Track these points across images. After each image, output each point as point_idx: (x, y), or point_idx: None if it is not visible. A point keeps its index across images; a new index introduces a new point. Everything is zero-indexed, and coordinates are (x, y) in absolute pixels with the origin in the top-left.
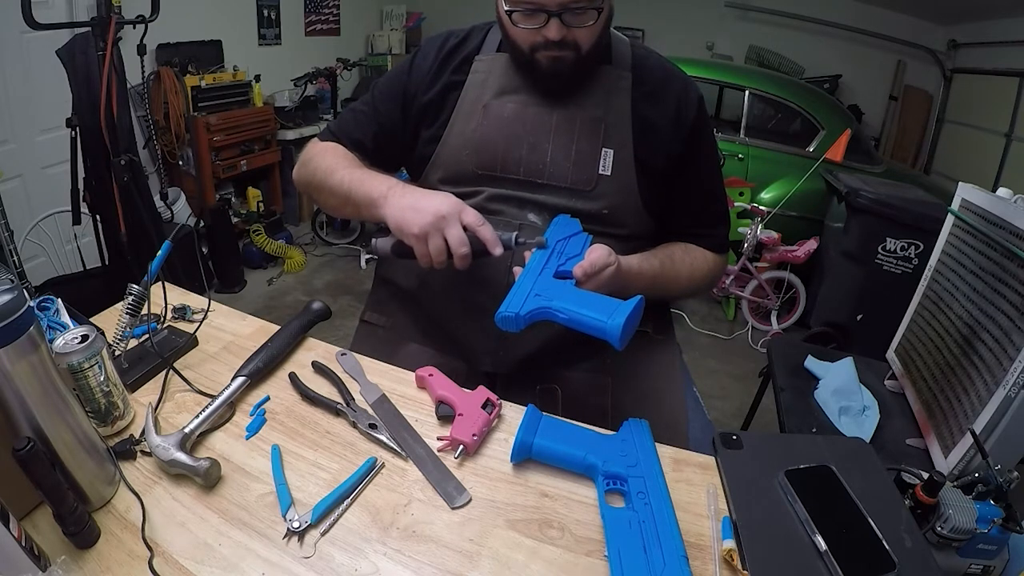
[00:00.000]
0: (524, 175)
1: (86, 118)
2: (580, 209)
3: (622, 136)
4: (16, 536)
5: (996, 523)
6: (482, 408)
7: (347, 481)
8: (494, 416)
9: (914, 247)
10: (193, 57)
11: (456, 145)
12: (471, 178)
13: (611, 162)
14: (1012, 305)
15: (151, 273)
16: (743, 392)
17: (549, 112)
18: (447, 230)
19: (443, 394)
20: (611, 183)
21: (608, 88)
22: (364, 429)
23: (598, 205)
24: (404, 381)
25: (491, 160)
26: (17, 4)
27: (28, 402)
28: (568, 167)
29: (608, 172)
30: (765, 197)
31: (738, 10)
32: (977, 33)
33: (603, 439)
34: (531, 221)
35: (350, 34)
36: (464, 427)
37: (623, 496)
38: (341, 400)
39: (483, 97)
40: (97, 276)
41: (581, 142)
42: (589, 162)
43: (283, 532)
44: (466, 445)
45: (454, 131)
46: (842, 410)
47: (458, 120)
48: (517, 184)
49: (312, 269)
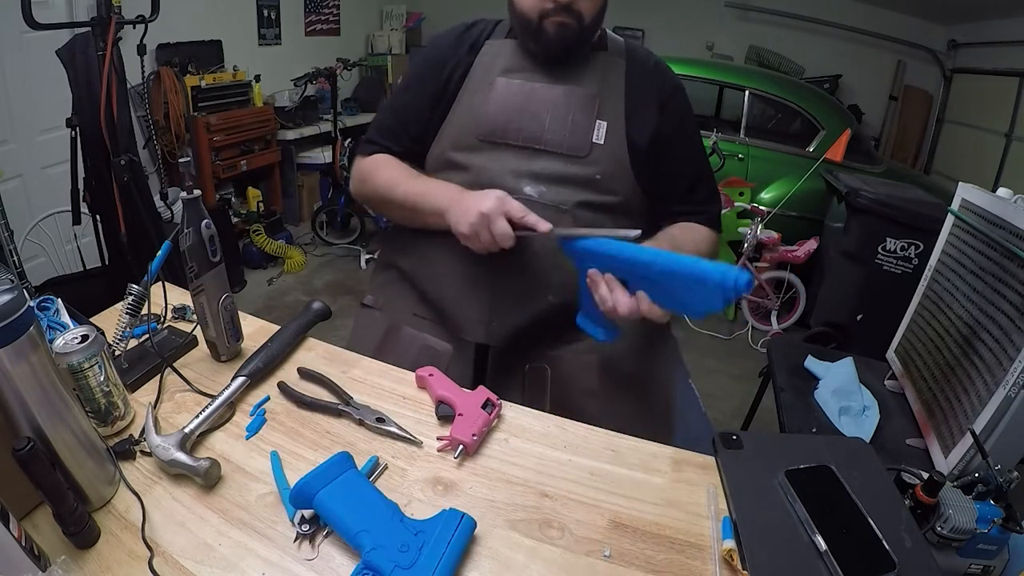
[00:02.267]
0: (523, 141)
1: (86, 118)
2: (575, 174)
3: (615, 112)
4: (16, 536)
5: (996, 523)
6: (482, 408)
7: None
8: (494, 416)
9: (914, 247)
10: (193, 57)
11: (462, 116)
12: (473, 146)
13: (604, 133)
14: (1012, 305)
15: (151, 273)
16: (743, 392)
17: (550, 88)
18: (492, 225)
19: (443, 394)
20: (604, 151)
21: (604, 70)
22: (373, 424)
23: (591, 170)
24: (404, 381)
25: (492, 128)
26: (17, 4)
27: (28, 402)
28: (564, 135)
29: (601, 141)
30: (765, 197)
31: (738, 10)
32: (977, 33)
33: (394, 522)
34: (527, 195)
35: (350, 34)
36: (464, 427)
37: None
38: (339, 400)
39: (490, 75)
40: (97, 276)
41: (577, 113)
42: (584, 131)
43: (283, 532)
44: (466, 445)
45: (461, 105)
46: (842, 410)
47: (465, 95)
48: (515, 151)
49: (312, 269)
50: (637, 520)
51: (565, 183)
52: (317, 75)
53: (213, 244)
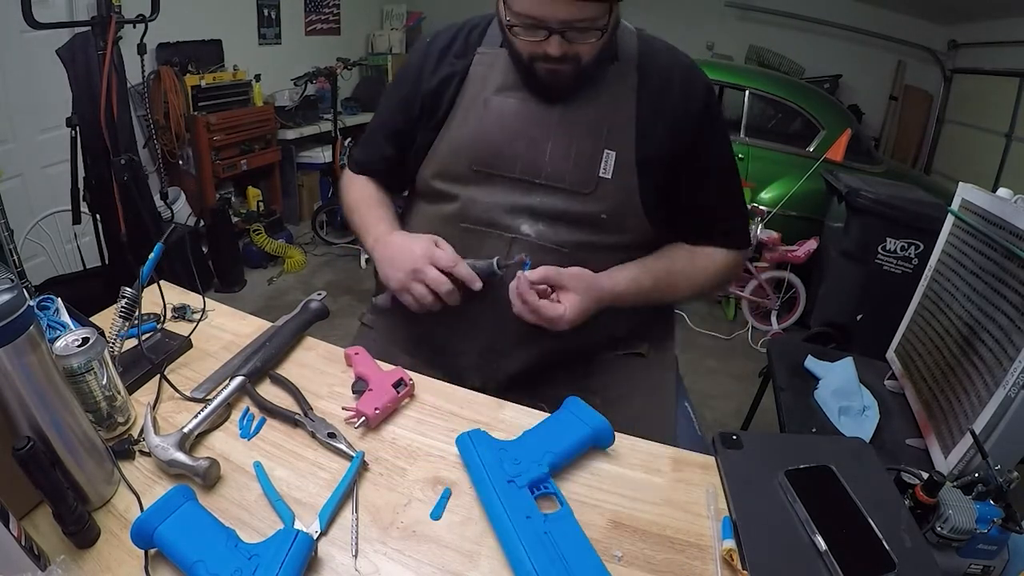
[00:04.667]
0: (521, 173)
1: (86, 117)
2: (578, 211)
3: (625, 138)
4: (16, 535)
5: (996, 523)
6: (393, 386)
7: (342, 482)
8: (404, 395)
9: (914, 247)
10: (193, 56)
11: (453, 139)
12: (465, 176)
13: (612, 165)
14: (1012, 305)
15: (143, 276)
16: (743, 392)
17: (550, 110)
18: (424, 277)
19: (361, 371)
20: (611, 186)
21: (613, 88)
22: (324, 439)
23: (597, 208)
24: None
25: (487, 156)
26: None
27: (28, 402)
28: (567, 167)
29: (609, 175)
30: (765, 197)
31: (738, 10)
32: (977, 33)
33: (229, 548)
34: (524, 234)
35: (350, 34)
36: (369, 401)
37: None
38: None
39: (484, 92)
40: (97, 275)
41: (582, 143)
42: (589, 163)
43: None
44: (368, 417)
45: (453, 125)
46: (842, 410)
47: (457, 114)
48: (512, 184)
49: (312, 269)
50: (637, 520)
51: (566, 222)
52: (317, 75)
53: None
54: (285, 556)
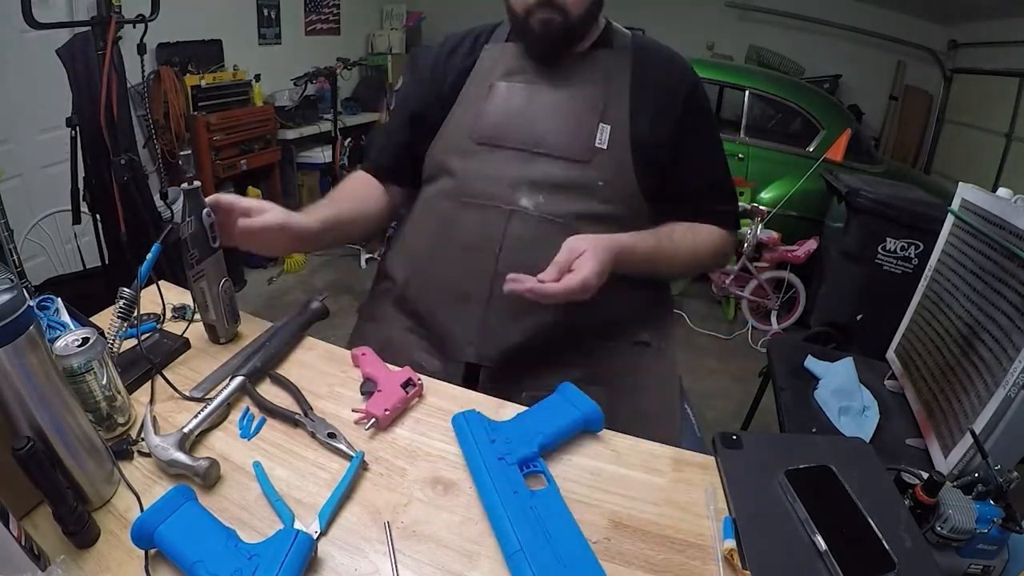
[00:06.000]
0: (521, 144)
1: (86, 117)
2: (575, 180)
3: (620, 114)
4: (16, 536)
5: (996, 523)
6: (402, 387)
7: (342, 482)
8: (413, 395)
9: (914, 247)
10: (193, 56)
11: (458, 120)
12: (467, 150)
13: (607, 137)
14: (1012, 305)
15: (141, 277)
16: (743, 392)
17: (552, 91)
18: None
19: (369, 371)
20: (607, 156)
21: (608, 69)
22: (324, 439)
23: (593, 176)
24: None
25: (489, 130)
26: (17, 4)
27: (28, 402)
28: (565, 138)
29: (604, 146)
30: (765, 197)
31: (738, 10)
32: (977, 33)
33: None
34: (522, 206)
35: (350, 34)
36: (379, 402)
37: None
38: (299, 411)
39: (490, 78)
40: (97, 275)
41: (580, 116)
42: (586, 134)
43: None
44: (378, 418)
45: (459, 108)
46: (842, 410)
47: (464, 99)
48: (512, 155)
49: (312, 268)
50: (637, 520)
51: (565, 191)
52: (317, 74)
53: (213, 231)
54: (285, 556)
